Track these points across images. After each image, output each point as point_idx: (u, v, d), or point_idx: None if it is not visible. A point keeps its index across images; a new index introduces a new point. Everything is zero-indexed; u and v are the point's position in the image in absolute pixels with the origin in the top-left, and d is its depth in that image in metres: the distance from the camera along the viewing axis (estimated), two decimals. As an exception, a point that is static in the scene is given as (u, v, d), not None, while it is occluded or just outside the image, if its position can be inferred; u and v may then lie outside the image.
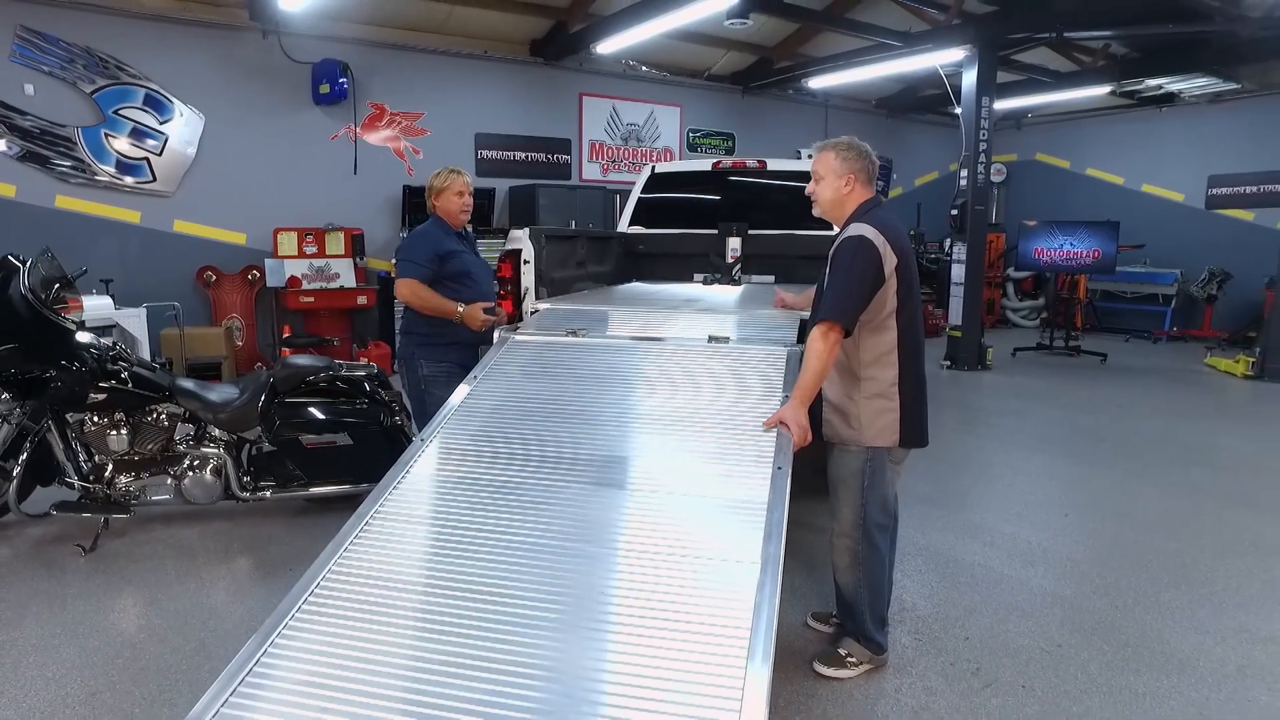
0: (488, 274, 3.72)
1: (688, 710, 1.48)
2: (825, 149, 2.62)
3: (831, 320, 2.35)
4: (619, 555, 1.95)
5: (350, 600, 1.85)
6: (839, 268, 2.42)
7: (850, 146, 2.59)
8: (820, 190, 2.62)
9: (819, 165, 2.60)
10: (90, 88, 6.94)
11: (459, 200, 3.57)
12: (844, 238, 2.47)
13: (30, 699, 2.46)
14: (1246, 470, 5.09)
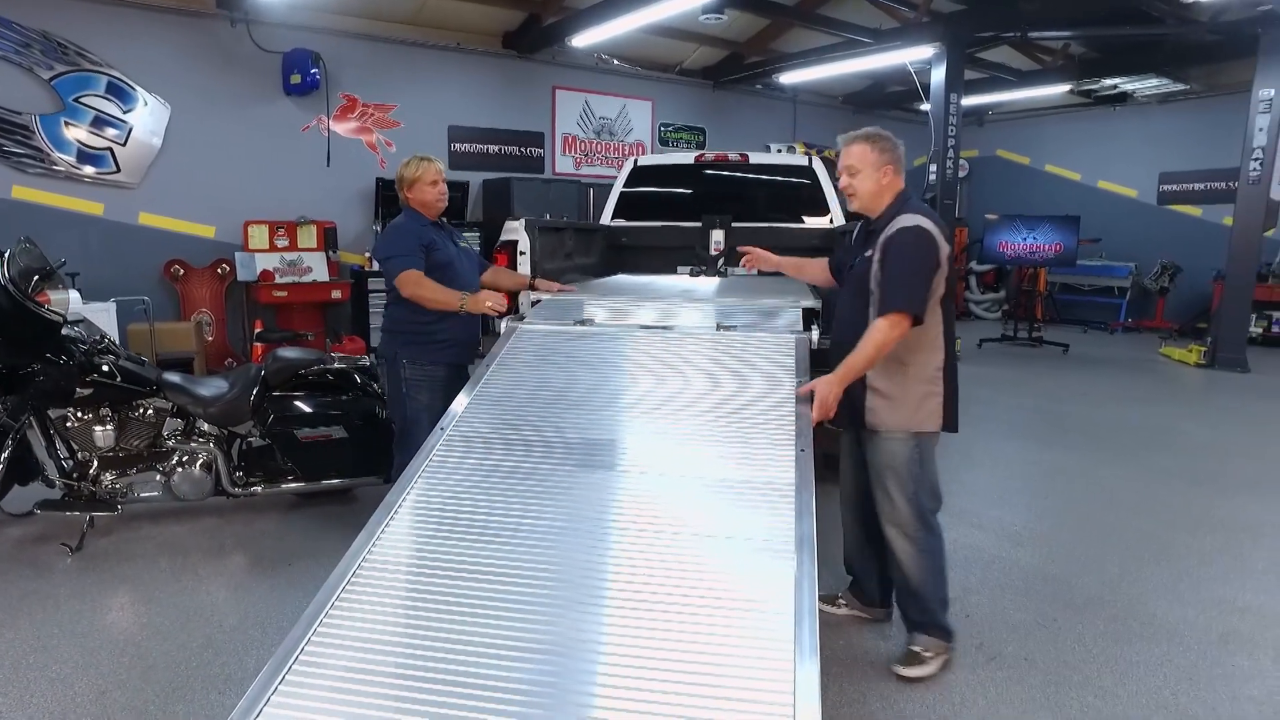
0: (472, 264, 3.50)
1: (741, 695, 1.51)
2: (857, 141, 2.58)
3: (904, 311, 2.36)
4: (650, 539, 1.97)
5: (387, 586, 1.85)
6: (903, 259, 2.42)
7: (882, 136, 2.57)
8: (859, 184, 2.58)
9: (854, 159, 2.56)
10: (48, 74, 6.69)
11: (433, 190, 3.31)
12: (901, 229, 2.44)
13: (37, 700, 2.39)
14: (1206, 453, 5.33)
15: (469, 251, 3.53)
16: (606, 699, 1.54)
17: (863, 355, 2.38)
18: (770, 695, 1.50)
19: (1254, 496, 4.41)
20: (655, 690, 1.53)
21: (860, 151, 2.56)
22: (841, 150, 2.63)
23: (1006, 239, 10.37)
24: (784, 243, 5.53)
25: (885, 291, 2.42)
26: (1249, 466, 5.01)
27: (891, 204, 2.57)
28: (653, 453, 2.31)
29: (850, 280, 2.67)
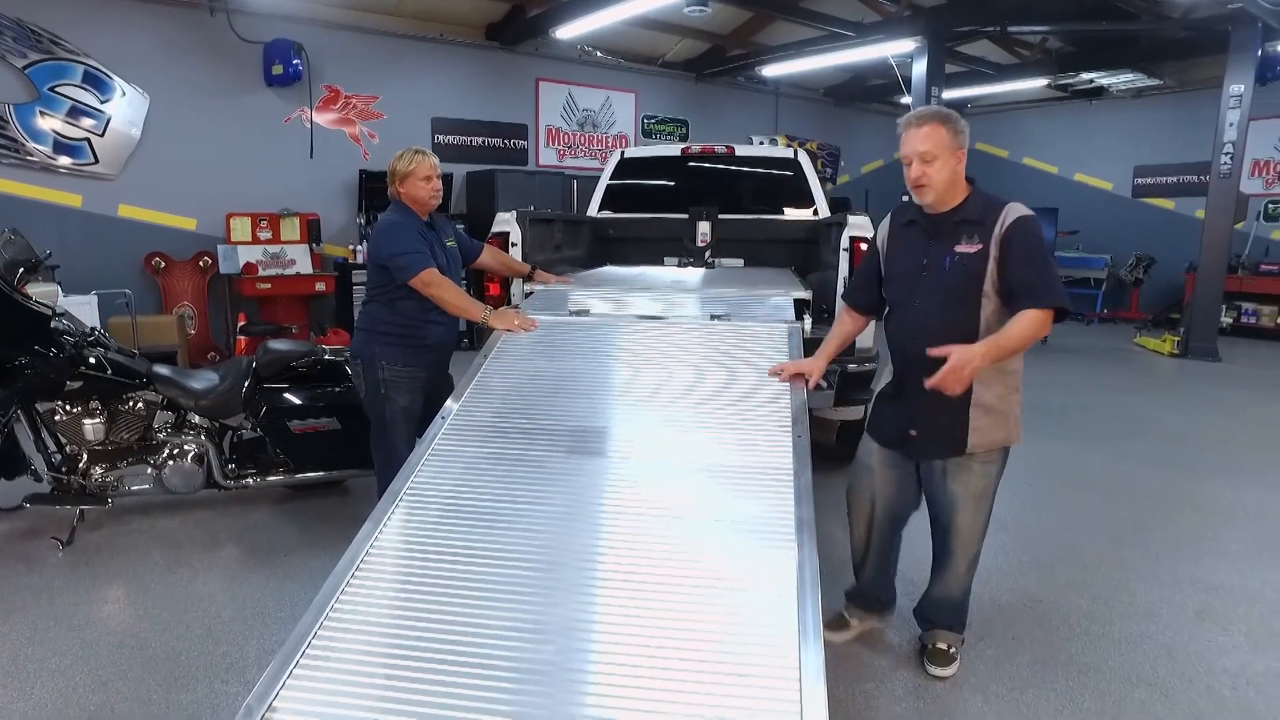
0: (456, 265, 3.29)
1: (747, 672, 1.56)
2: (930, 122, 2.22)
3: (1059, 305, 2.15)
4: (650, 524, 2.00)
5: (395, 572, 1.88)
6: (1041, 250, 2.20)
7: (954, 115, 2.25)
8: (936, 173, 2.22)
9: (928, 143, 2.19)
10: (22, 62, 6.57)
11: (427, 185, 3.09)
12: (1021, 218, 2.21)
13: (38, 691, 2.39)
14: (1180, 440, 5.47)
15: (454, 253, 3.31)
16: (610, 678, 1.57)
17: (1014, 338, 2.12)
18: (777, 673, 1.55)
19: (1226, 481, 4.54)
20: (659, 670, 1.57)
21: (935, 134, 2.20)
22: (906, 133, 2.25)
23: (986, 231, 10.51)
24: (769, 234, 5.63)
25: (1035, 286, 2.15)
26: (1221, 452, 5.16)
27: (972, 192, 2.29)
28: (651, 440, 2.35)
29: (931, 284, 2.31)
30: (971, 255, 2.24)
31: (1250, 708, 2.40)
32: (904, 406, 2.43)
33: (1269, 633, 2.84)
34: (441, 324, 3.17)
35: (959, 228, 2.27)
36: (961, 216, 2.27)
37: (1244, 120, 8.06)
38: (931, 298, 2.31)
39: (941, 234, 2.30)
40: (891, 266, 2.47)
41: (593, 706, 1.52)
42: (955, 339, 2.15)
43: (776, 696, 1.50)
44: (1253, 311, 10.17)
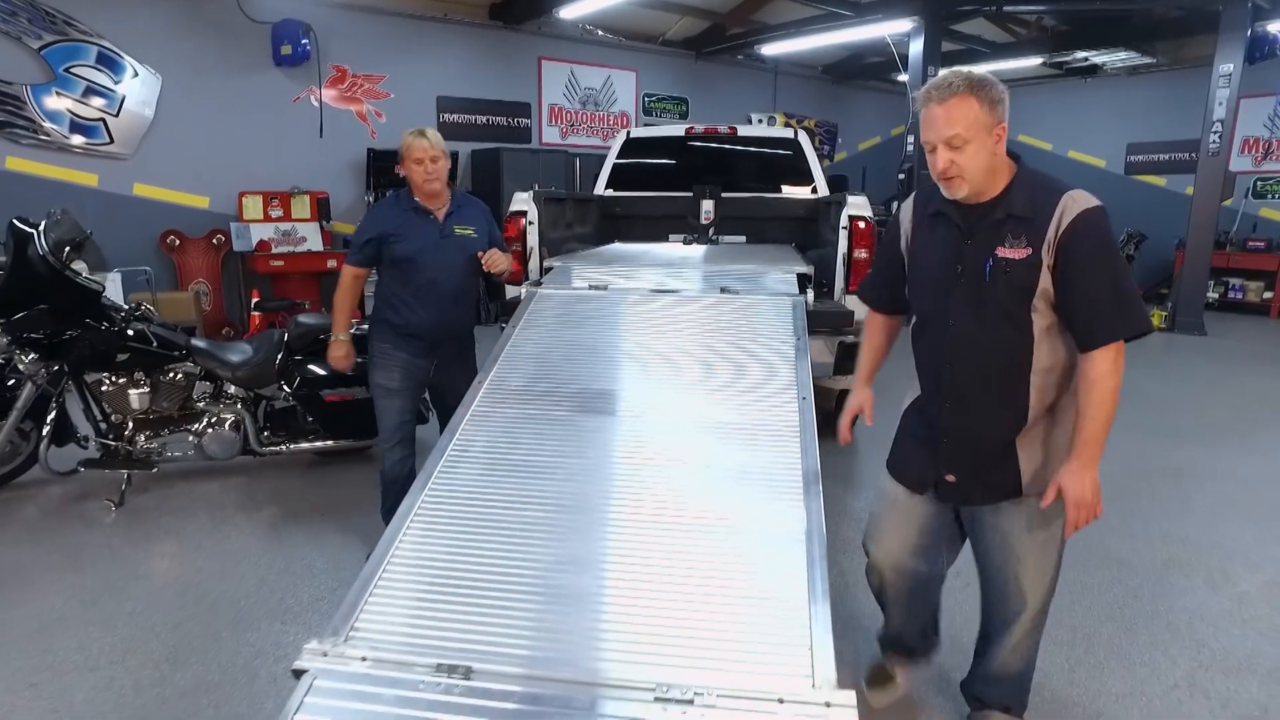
0: (454, 259, 3.06)
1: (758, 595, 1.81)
2: (959, 95, 1.71)
3: (1134, 335, 1.71)
4: (671, 473, 2.24)
5: (448, 516, 2.11)
6: (1110, 262, 1.70)
7: (988, 82, 1.74)
8: (969, 162, 1.74)
9: (958, 124, 1.71)
10: (37, 43, 6.69)
11: (418, 169, 2.94)
12: (1084, 214, 1.70)
13: (119, 630, 2.65)
14: (1162, 409, 5.74)
15: (461, 241, 3.08)
16: (635, 603, 1.81)
17: (1102, 417, 1.73)
18: (787, 596, 1.80)
19: (1202, 446, 4.82)
20: (677, 596, 1.81)
21: (964, 110, 1.70)
22: (927, 110, 1.76)
23: (980, 208, 10.72)
24: (770, 212, 5.84)
25: (1107, 310, 1.69)
26: (1201, 420, 5.43)
27: (1017, 176, 1.79)
28: (667, 401, 2.59)
29: (967, 295, 1.84)
30: (1018, 262, 1.75)
31: (1202, 639, 2.69)
32: (939, 447, 1.98)
33: (1224, 577, 3.13)
34: (416, 311, 3.03)
35: (1001, 225, 1.78)
36: (1005, 210, 1.77)
37: (1233, 99, 8.24)
38: (968, 313, 1.84)
39: (979, 231, 1.81)
40: (917, 269, 1.99)
41: (623, 626, 1.77)
42: (1001, 364, 1.82)
43: (787, 617, 1.76)
44: (1239, 287, 10.43)
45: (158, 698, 2.31)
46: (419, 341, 3.09)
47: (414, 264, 3.00)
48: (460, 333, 3.24)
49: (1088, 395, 1.74)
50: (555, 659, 1.68)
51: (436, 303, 3.05)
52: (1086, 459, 1.75)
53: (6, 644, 2.57)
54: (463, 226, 3.11)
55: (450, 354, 3.19)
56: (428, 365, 3.15)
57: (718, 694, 1.56)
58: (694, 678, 1.59)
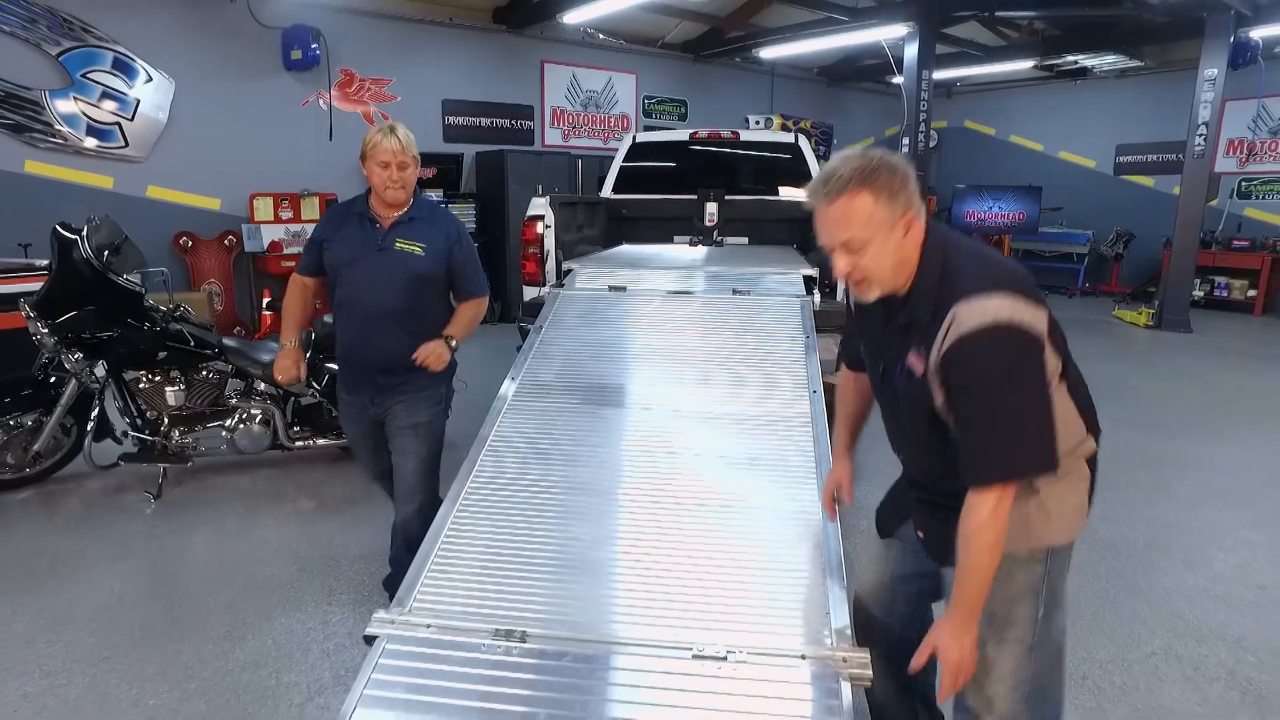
0: (384, 275, 2.58)
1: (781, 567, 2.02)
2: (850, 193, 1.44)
3: (1010, 480, 1.45)
4: (692, 461, 2.45)
5: (493, 500, 2.31)
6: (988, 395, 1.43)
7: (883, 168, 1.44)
8: (872, 264, 1.49)
9: (854, 226, 1.45)
10: (56, 50, 6.85)
11: (381, 174, 2.50)
12: (966, 335, 1.41)
13: (177, 610, 2.85)
14: (1148, 403, 5.98)
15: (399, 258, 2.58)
16: (662, 572, 2.02)
17: (978, 578, 1.49)
18: (799, 568, 2.01)
19: (1185, 439, 5.06)
20: (700, 564, 2.02)
21: (861, 209, 1.45)
22: (818, 211, 1.50)
23: (973, 207, 10.97)
24: (772, 214, 6.05)
25: (969, 454, 1.48)
26: (1185, 414, 5.67)
27: (923, 269, 1.51)
28: (686, 395, 2.79)
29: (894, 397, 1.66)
30: (917, 378, 1.54)
31: (1178, 612, 2.93)
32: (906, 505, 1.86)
33: (1200, 558, 3.37)
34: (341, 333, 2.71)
35: (899, 325, 1.57)
36: (908, 316, 1.55)
37: (1217, 103, 8.49)
38: (893, 413, 1.72)
39: (892, 330, 1.60)
40: (860, 336, 1.80)
41: (660, 595, 1.97)
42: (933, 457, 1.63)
43: (806, 586, 1.97)
44: (1225, 285, 10.69)
45: (221, 670, 2.50)
46: (346, 371, 2.76)
47: (338, 275, 2.64)
48: (393, 367, 2.63)
49: (964, 550, 1.49)
50: (600, 624, 1.89)
51: (358, 324, 2.63)
52: (960, 620, 1.53)
53: (74, 623, 2.76)
54: (408, 241, 2.60)
55: (387, 396, 2.68)
56: (367, 404, 2.71)
57: (747, 652, 1.76)
58: (725, 638, 1.80)
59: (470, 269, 2.75)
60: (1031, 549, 1.63)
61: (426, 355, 2.62)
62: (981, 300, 1.42)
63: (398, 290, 2.61)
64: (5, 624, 2.75)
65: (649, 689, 1.71)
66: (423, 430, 2.71)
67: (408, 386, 2.68)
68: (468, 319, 2.81)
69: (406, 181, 2.56)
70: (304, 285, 2.82)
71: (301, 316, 2.87)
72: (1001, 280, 1.45)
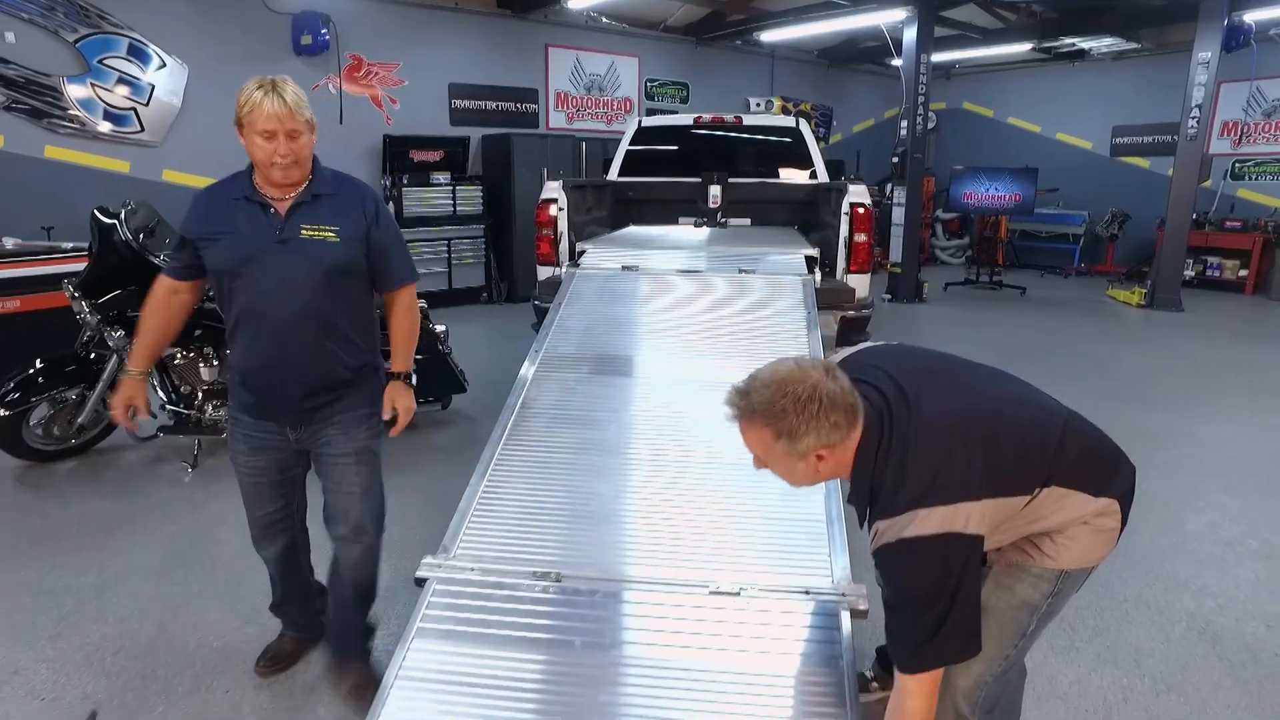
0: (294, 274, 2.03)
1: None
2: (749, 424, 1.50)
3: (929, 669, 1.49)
4: (702, 426, 2.67)
5: (523, 461, 2.55)
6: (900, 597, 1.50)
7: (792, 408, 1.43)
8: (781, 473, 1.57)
9: (755, 449, 1.55)
10: (73, 36, 6.99)
11: (263, 146, 1.98)
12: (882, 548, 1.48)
13: (225, 567, 3.09)
14: (1139, 379, 6.21)
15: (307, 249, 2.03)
16: (686, 525, 2.26)
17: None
18: (805, 518, 2.24)
19: (1170, 413, 5.29)
20: (712, 513, 2.26)
21: (758, 440, 1.51)
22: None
23: (970, 189, 11.13)
24: (774, 196, 6.25)
25: (892, 641, 1.55)
26: (1171, 390, 5.90)
27: (855, 476, 1.55)
28: (698, 366, 3.02)
29: None
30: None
31: (1149, 566, 3.18)
32: None
33: (1174, 519, 3.62)
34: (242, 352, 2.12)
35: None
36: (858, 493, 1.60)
37: (1211, 85, 8.64)
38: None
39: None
40: None
41: (678, 541, 2.21)
42: None
43: (810, 532, 2.20)
44: (1217, 265, 10.89)
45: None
46: (249, 397, 2.16)
47: (232, 280, 2.04)
48: (319, 388, 2.12)
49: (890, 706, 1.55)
50: (626, 566, 2.13)
51: (266, 341, 2.07)
52: None
53: (136, 577, 3.00)
54: (315, 226, 2.05)
55: (315, 422, 2.17)
56: (283, 433, 2.18)
57: (758, 588, 2.00)
58: (738, 577, 2.04)
59: (396, 250, 2.21)
60: (1044, 568, 1.64)
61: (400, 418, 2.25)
62: (895, 520, 1.45)
63: (312, 291, 2.03)
64: (76, 577, 3.00)
65: (672, 619, 1.95)
66: (366, 456, 2.24)
67: (341, 407, 2.16)
68: (408, 331, 2.26)
69: (300, 154, 2.01)
70: (172, 292, 2.19)
71: (162, 333, 2.23)
72: (923, 493, 1.44)
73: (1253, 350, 7.34)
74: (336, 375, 2.14)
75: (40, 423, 4.11)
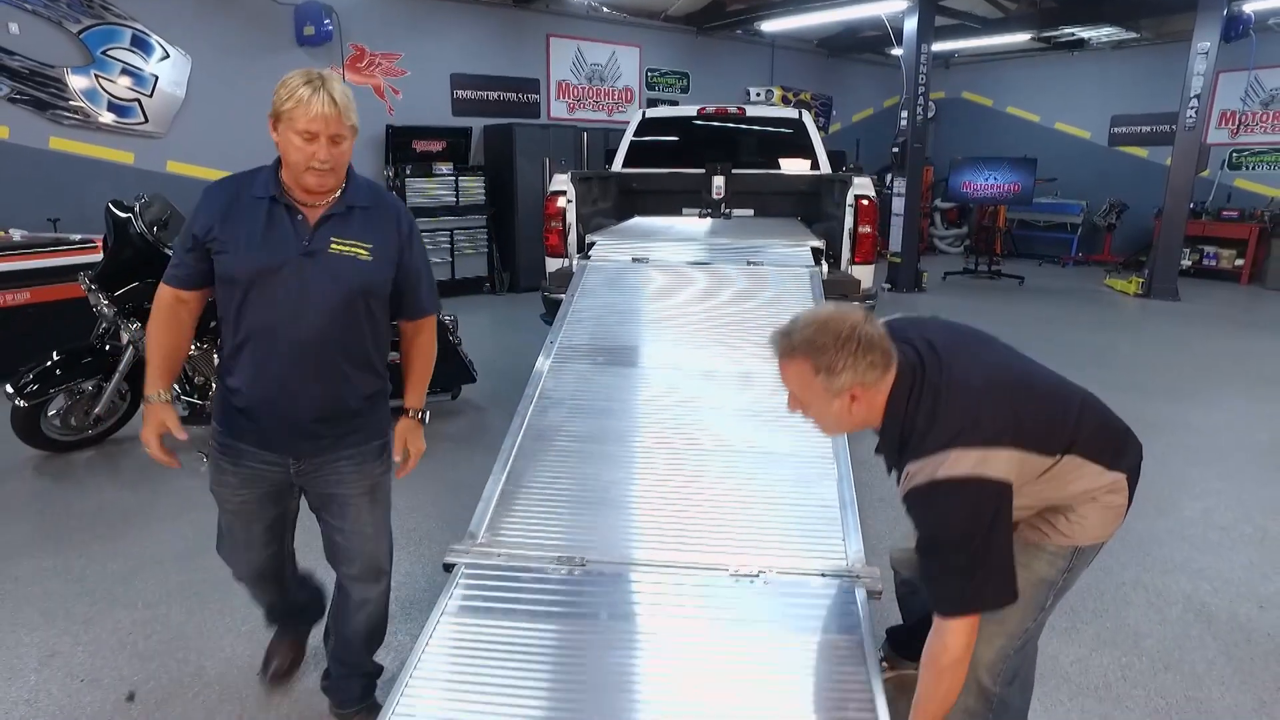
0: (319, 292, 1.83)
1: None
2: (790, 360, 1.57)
3: (959, 615, 1.53)
4: (714, 415, 2.76)
5: (543, 448, 2.62)
6: (934, 541, 1.54)
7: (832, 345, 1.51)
8: (814, 416, 1.65)
9: (793, 386, 1.62)
10: (76, 27, 6.99)
11: (303, 148, 1.75)
12: (912, 490, 1.53)
13: (250, 552, 3.15)
14: (1136, 368, 6.31)
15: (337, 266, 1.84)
16: (705, 510, 2.33)
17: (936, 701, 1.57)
18: (817, 501, 2.32)
19: (1166, 400, 5.38)
20: (736, 506, 2.34)
21: (797, 374, 1.58)
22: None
23: (969, 179, 11.19)
24: (777, 187, 6.30)
25: (929, 586, 1.61)
26: (1167, 378, 6.00)
27: (886, 423, 1.61)
28: (708, 355, 3.09)
29: None
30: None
31: (1146, 550, 3.29)
32: None
33: (1171, 505, 3.72)
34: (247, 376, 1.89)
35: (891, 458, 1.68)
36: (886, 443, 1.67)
37: (1210, 75, 8.70)
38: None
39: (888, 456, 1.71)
40: None
41: (699, 526, 2.29)
42: None
43: (825, 517, 2.28)
44: (1213, 254, 10.98)
45: (299, 602, 2.82)
46: (246, 423, 1.92)
47: (245, 292, 1.81)
48: (333, 416, 1.93)
49: (922, 673, 1.58)
50: (648, 550, 2.20)
51: (277, 364, 1.86)
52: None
53: (161, 564, 3.08)
54: (346, 241, 1.85)
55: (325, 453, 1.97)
56: (284, 465, 1.97)
57: (776, 571, 2.08)
58: (757, 561, 2.12)
59: (425, 277, 2.03)
60: (1059, 545, 1.72)
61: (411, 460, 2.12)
62: (927, 460, 1.50)
63: (334, 311, 1.84)
64: (103, 564, 3.08)
65: (693, 601, 2.03)
66: (380, 494, 2.07)
67: (354, 439, 1.97)
68: (425, 365, 2.11)
69: (339, 161, 1.80)
70: (178, 303, 1.93)
71: (174, 352, 1.98)
72: (955, 435, 1.49)
73: (1248, 339, 7.44)
74: (351, 404, 1.94)
75: (58, 414, 4.17)
